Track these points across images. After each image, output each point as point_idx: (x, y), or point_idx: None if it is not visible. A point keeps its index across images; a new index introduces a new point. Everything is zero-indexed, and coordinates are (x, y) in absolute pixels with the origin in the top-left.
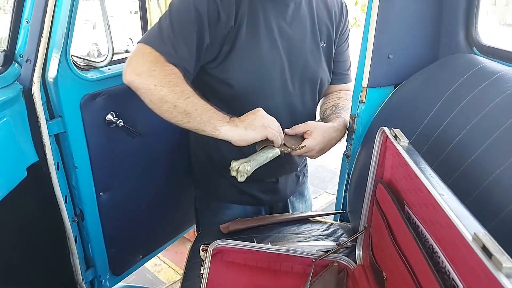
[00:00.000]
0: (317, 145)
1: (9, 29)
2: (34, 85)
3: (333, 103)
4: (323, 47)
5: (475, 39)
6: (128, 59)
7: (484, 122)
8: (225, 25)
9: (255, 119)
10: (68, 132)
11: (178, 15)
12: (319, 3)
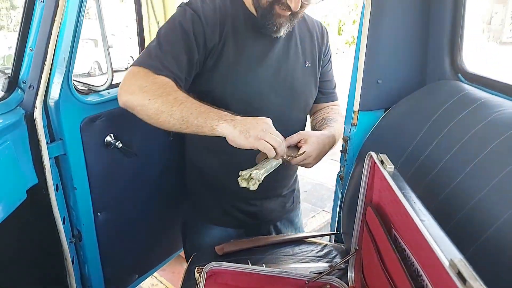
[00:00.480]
0: (314, 151)
1: (14, 57)
2: (36, 110)
3: (322, 116)
4: (308, 66)
5: (460, 66)
6: (121, 83)
7: (466, 148)
8: (210, 41)
9: (253, 128)
10: (68, 154)
11: (165, 35)
12: (301, 26)
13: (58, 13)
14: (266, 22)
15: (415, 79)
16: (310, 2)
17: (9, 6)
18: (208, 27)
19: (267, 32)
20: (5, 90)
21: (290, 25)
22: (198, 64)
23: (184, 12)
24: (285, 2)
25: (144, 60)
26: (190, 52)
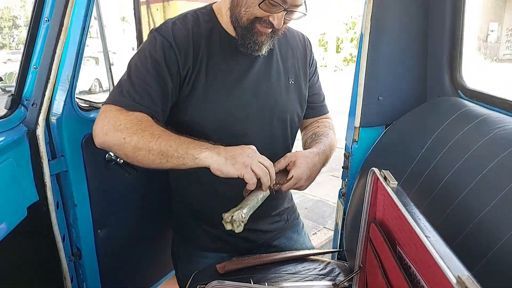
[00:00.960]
0: (304, 172)
1: (18, 74)
2: (39, 127)
3: (312, 132)
4: (292, 84)
5: (460, 83)
6: (94, 123)
7: (469, 163)
8: (183, 67)
9: (240, 154)
10: (70, 171)
11: (135, 69)
12: (281, 42)
13: (63, 33)
14: (247, 41)
15: (415, 95)
16: (292, 18)
17: (12, 25)
18: (181, 53)
19: (248, 51)
20: (8, 108)
21: (271, 42)
22: (173, 92)
23: (154, 40)
24: (267, 20)
25: (116, 97)
26: (163, 81)
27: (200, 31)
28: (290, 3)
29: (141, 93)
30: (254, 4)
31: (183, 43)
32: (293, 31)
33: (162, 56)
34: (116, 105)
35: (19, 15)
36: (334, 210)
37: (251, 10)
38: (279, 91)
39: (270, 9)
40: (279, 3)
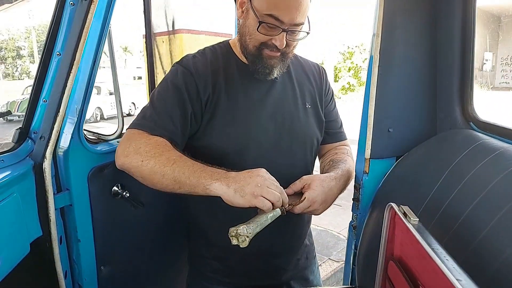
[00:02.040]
0: (318, 196)
1: (27, 107)
2: (45, 160)
3: (330, 158)
4: (309, 108)
5: (472, 115)
6: (117, 146)
7: (489, 199)
8: (204, 94)
9: (247, 185)
10: (74, 205)
11: (158, 96)
12: (296, 68)
13: (74, 66)
14: (257, 66)
15: (426, 127)
16: (295, 39)
17: (15, 55)
18: (200, 81)
19: (261, 77)
20: (16, 141)
21: (283, 66)
22: (193, 118)
23: (175, 71)
24: (271, 44)
25: (139, 122)
26: (184, 105)
27: (218, 62)
28: (288, 22)
29: (162, 117)
30: (255, 30)
31: (203, 72)
32: (309, 62)
33: (183, 83)
34: (138, 129)
35: (23, 46)
36: (338, 240)
37: (254, 37)
38: (297, 115)
39: (270, 32)
40: (276, 25)
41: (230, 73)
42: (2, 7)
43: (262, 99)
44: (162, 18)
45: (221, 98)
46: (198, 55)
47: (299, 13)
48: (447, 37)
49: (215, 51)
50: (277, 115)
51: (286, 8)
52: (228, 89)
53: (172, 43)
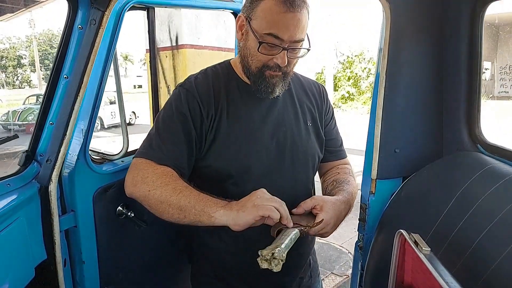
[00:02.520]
0: (332, 218)
1: (33, 131)
2: (51, 183)
3: (333, 178)
4: (310, 125)
5: (479, 137)
6: (126, 174)
7: (500, 228)
8: (207, 116)
9: (248, 201)
10: (79, 226)
11: (163, 122)
12: (296, 86)
13: (82, 89)
14: (259, 86)
15: (432, 148)
16: (295, 56)
17: (16, 64)
18: (204, 104)
19: (263, 95)
20: (22, 164)
21: (284, 84)
22: (197, 141)
23: (179, 94)
24: (273, 64)
25: (146, 150)
26: (188, 131)
27: (220, 82)
28: (288, 40)
29: (168, 145)
30: (256, 51)
31: (205, 94)
32: (308, 79)
33: (187, 107)
34: (146, 158)
35: (24, 55)
36: (341, 253)
37: (256, 58)
38: (299, 133)
39: (270, 52)
40: (276, 44)
41: (232, 94)
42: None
43: (264, 118)
44: (165, 33)
45: (223, 119)
46: (200, 76)
47: (298, 29)
48: (454, 58)
49: (216, 72)
50: (278, 133)
51: (285, 26)
52: (230, 109)
53: (175, 58)
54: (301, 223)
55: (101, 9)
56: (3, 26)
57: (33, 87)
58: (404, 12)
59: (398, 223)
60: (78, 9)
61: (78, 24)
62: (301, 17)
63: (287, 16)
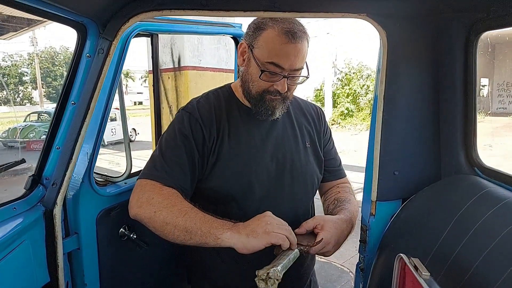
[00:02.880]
0: (332, 237)
1: (40, 155)
2: (56, 206)
3: (334, 197)
4: (309, 146)
5: (476, 160)
6: (131, 195)
7: (500, 251)
8: (209, 140)
9: (258, 225)
10: (82, 249)
11: (166, 144)
12: (295, 109)
13: (89, 115)
14: (259, 109)
15: (431, 170)
16: (295, 83)
17: (17, 81)
18: (206, 126)
19: (263, 117)
20: (28, 188)
21: (284, 107)
22: (199, 163)
23: (181, 117)
24: (274, 89)
25: (150, 172)
26: (191, 153)
27: (221, 105)
28: (289, 68)
29: (172, 167)
30: (257, 78)
31: (207, 117)
32: (307, 102)
33: (189, 130)
34: (150, 180)
35: (25, 72)
36: (342, 273)
37: (257, 84)
38: (298, 154)
39: (272, 79)
40: (277, 72)
41: (233, 117)
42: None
43: (264, 140)
44: (168, 55)
45: (224, 141)
46: (202, 100)
47: (298, 59)
48: (449, 84)
49: (218, 95)
50: (278, 154)
51: (286, 55)
52: (231, 132)
53: (177, 79)
54: (302, 243)
55: (109, 38)
56: (6, 44)
57: (34, 104)
58: (400, 39)
59: (398, 245)
60: (87, 39)
61: (86, 52)
62: (301, 47)
63: (289, 46)
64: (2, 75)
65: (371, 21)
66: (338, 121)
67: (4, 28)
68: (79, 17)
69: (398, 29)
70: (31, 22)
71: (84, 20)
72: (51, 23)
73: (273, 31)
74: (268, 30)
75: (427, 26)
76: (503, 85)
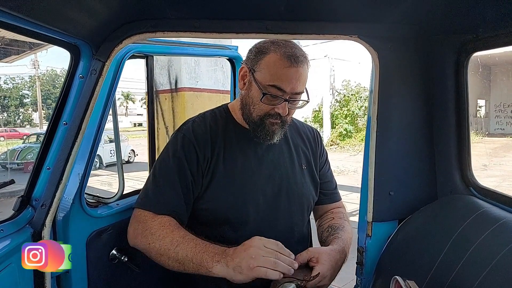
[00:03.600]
0: (328, 270)
1: (30, 175)
2: (45, 228)
3: (328, 224)
4: (305, 168)
5: (471, 180)
6: (128, 225)
7: (495, 274)
8: (203, 160)
9: (243, 260)
10: (71, 272)
11: (159, 168)
12: (292, 131)
13: (80, 136)
14: (258, 133)
15: (427, 190)
16: (295, 106)
17: (18, 104)
18: (200, 147)
19: (262, 141)
20: (16, 209)
21: (283, 131)
22: (194, 185)
23: (175, 138)
24: (274, 113)
25: (144, 201)
26: (185, 176)
27: (218, 126)
28: (290, 92)
29: (164, 193)
30: (258, 101)
31: (202, 137)
32: (304, 125)
33: (183, 152)
34: (143, 209)
35: (26, 94)
36: None
37: (258, 107)
38: (294, 176)
39: (273, 102)
40: (279, 95)
41: (229, 137)
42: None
43: (260, 161)
44: (165, 77)
45: (219, 162)
46: (198, 120)
47: (299, 83)
48: (442, 104)
49: (214, 116)
50: (274, 176)
51: (288, 79)
52: (227, 153)
53: (174, 100)
54: (297, 277)
55: (102, 60)
56: (8, 66)
57: (34, 126)
58: (392, 60)
59: (395, 267)
60: (80, 60)
61: (79, 73)
62: (302, 71)
63: (291, 70)
64: (4, 97)
65: (362, 43)
66: (337, 142)
67: (7, 51)
68: (72, 38)
69: (389, 50)
70: (33, 45)
71: (78, 42)
72: (52, 47)
73: (275, 55)
74: (270, 54)
75: (418, 47)
76: (499, 106)
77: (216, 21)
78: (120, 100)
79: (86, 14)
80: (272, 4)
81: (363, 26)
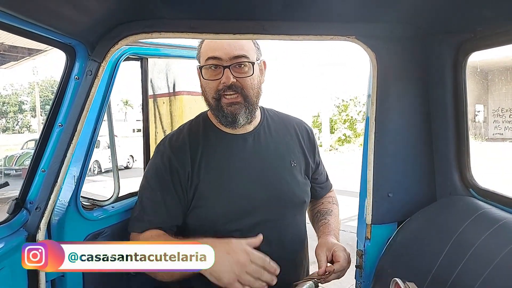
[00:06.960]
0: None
1: (24, 178)
2: (39, 231)
3: (317, 209)
4: (295, 166)
5: (471, 181)
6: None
7: (496, 275)
8: (183, 172)
9: (224, 272)
10: (67, 276)
11: (143, 188)
12: (277, 126)
13: (75, 137)
14: (221, 118)
15: (426, 192)
16: (242, 73)
17: (17, 110)
18: (178, 160)
19: (227, 126)
20: (11, 212)
21: (248, 112)
22: (180, 196)
23: (157, 154)
24: (223, 87)
25: (131, 223)
26: (168, 188)
27: (197, 136)
28: (227, 57)
29: (147, 211)
30: (204, 81)
31: (180, 152)
32: (290, 117)
33: (162, 169)
34: (132, 232)
35: (25, 100)
36: None
37: (207, 87)
38: (284, 176)
39: (214, 74)
40: (216, 64)
41: (210, 142)
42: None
43: (246, 165)
44: (163, 81)
45: (201, 173)
46: (176, 133)
47: (234, 47)
48: (440, 104)
49: (192, 124)
50: (263, 178)
51: (220, 47)
52: (209, 160)
53: (172, 104)
54: (313, 275)
55: (98, 60)
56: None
57: (33, 132)
58: (390, 60)
59: (395, 270)
60: (75, 61)
61: (75, 74)
62: (235, 40)
63: (221, 41)
64: (2, 103)
65: (360, 44)
66: (336, 147)
67: (6, 58)
68: (67, 39)
69: (387, 50)
70: (32, 51)
71: (73, 42)
72: (51, 52)
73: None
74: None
75: (416, 47)
76: (498, 111)
77: (213, 21)
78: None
79: (80, 12)
80: (269, 5)
81: (360, 27)
